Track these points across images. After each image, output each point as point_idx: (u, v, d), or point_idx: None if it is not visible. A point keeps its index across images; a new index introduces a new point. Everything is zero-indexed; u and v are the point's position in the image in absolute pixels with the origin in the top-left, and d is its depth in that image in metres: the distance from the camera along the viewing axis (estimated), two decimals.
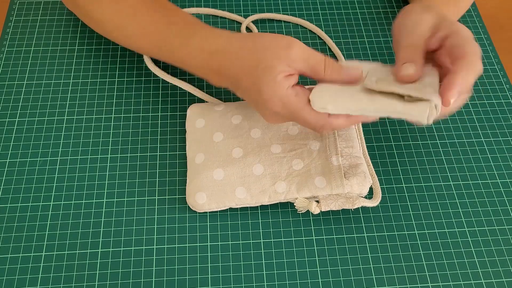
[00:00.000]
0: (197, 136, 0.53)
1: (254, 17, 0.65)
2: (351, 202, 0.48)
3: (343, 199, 0.48)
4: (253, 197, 0.49)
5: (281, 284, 0.47)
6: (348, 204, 0.48)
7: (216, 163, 0.50)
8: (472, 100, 0.60)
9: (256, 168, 0.50)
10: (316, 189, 0.49)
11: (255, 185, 0.49)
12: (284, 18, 0.66)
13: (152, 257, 0.48)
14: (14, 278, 0.46)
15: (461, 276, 0.48)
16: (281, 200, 0.49)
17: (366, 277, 0.47)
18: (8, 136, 0.55)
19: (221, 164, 0.50)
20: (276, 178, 0.49)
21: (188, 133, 0.54)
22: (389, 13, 0.68)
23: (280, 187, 0.49)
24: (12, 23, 0.64)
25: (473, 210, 0.52)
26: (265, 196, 0.49)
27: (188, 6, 0.67)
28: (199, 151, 0.51)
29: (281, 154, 0.51)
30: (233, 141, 0.51)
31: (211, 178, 0.49)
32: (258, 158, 0.50)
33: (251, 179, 0.49)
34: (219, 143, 0.51)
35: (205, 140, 0.52)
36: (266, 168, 0.50)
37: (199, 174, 0.50)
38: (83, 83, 0.59)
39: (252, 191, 0.49)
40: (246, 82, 0.46)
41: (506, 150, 0.56)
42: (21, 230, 0.49)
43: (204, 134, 0.53)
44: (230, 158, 0.50)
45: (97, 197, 0.51)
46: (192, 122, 0.54)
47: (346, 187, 0.49)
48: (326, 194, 0.49)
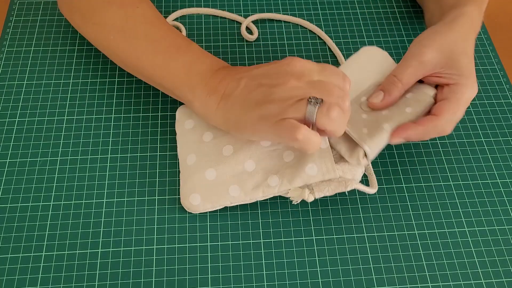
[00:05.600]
0: (187, 138, 0.53)
1: (254, 17, 0.65)
2: (343, 185, 0.47)
3: (336, 183, 0.48)
4: (247, 194, 0.49)
5: (281, 284, 0.47)
6: (341, 187, 0.47)
7: (208, 163, 0.50)
8: (472, 100, 0.60)
9: (247, 164, 0.49)
10: (308, 177, 0.48)
11: (248, 182, 0.49)
12: (284, 18, 0.66)
13: (152, 257, 0.48)
14: (14, 278, 0.46)
15: (461, 276, 0.48)
16: (275, 193, 0.49)
17: (366, 277, 0.48)
18: (8, 136, 0.55)
19: (213, 164, 0.50)
20: (268, 173, 0.49)
21: (178, 135, 0.53)
22: (389, 13, 0.68)
23: (273, 180, 0.49)
24: (12, 23, 0.64)
25: (473, 210, 0.52)
26: (259, 191, 0.49)
27: (188, 6, 0.67)
28: (190, 152, 0.51)
29: (271, 147, 0.50)
30: (222, 139, 0.51)
31: (204, 179, 0.49)
32: (249, 153, 0.50)
33: (244, 176, 0.49)
34: (209, 142, 0.51)
35: (195, 140, 0.52)
36: (257, 163, 0.49)
37: (192, 175, 0.50)
38: (83, 83, 0.59)
39: (245, 188, 0.49)
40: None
41: (506, 150, 0.56)
42: (21, 230, 0.49)
43: (194, 134, 0.52)
44: (221, 156, 0.50)
45: (97, 197, 0.51)
46: (181, 124, 0.54)
47: (337, 172, 0.48)
48: (318, 181, 0.48)
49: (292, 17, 0.66)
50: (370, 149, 0.47)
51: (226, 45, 0.63)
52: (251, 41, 0.64)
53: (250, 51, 0.63)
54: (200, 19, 0.66)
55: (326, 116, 0.43)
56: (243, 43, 0.63)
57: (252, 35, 0.64)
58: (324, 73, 0.45)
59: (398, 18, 0.67)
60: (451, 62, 0.49)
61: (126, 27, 0.51)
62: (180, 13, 0.65)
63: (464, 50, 0.50)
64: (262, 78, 0.46)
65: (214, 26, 0.65)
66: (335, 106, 0.43)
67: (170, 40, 0.51)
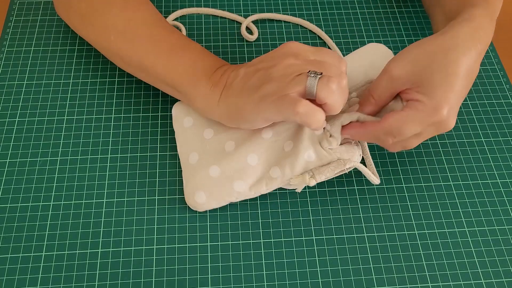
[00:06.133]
0: (187, 136, 0.52)
1: (254, 17, 0.65)
2: (342, 164, 0.47)
3: (335, 163, 0.47)
4: (251, 188, 0.49)
5: (281, 284, 0.47)
6: (340, 166, 0.47)
7: (211, 160, 0.50)
8: (472, 100, 0.60)
9: (250, 158, 0.49)
10: (307, 163, 0.48)
11: (252, 176, 0.49)
12: (284, 18, 0.66)
13: (152, 257, 0.48)
14: (14, 278, 0.46)
15: (461, 276, 0.48)
16: (278, 184, 0.49)
17: (366, 277, 0.48)
18: (8, 136, 0.55)
19: (216, 161, 0.50)
20: (270, 165, 0.49)
21: (178, 134, 0.53)
22: (389, 13, 0.68)
23: (275, 172, 0.48)
24: (12, 23, 0.64)
25: (473, 210, 0.52)
26: (262, 184, 0.49)
27: (188, 6, 0.67)
28: (192, 151, 0.51)
29: (272, 138, 0.50)
30: (224, 135, 0.51)
31: (208, 176, 0.49)
32: (251, 147, 0.49)
33: (247, 171, 0.49)
34: (210, 139, 0.51)
35: (196, 138, 0.52)
36: (260, 156, 0.49)
37: (195, 174, 0.50)
38: (83, 83, 0.59)
39: (249, 182, 0.49)
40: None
41: (506, 150, 0.56)
42: (21, 230, 0.49)
43: (194, 132, 0.52)
44: (224, 153, 0.50)
45: (97, 197, 0.51)
46: (179, 122, 0.53)
47: (334, 154, 0.48)
48: (317, 166, 0.48)
49: (292, 17, 0.66)
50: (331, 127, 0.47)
51: (226, 45, 0.63)
52: (251, 41, 0.64)
53: (250, 51, 0.63)
54: (200, 19, 0.66)
55: (327, 87, 0.42)
56: (243, 43, 0.63)
57: (252, 35, 0.64)
58: (319, 53, 0.46)
59: (398, 18, 0.67)
60: (420, 80, 0.44)
61: (127, 29, 0.51)
62: (180, 13, 0.66)
63: (443, 66, 0.43)
64: (259, 64, 0.47)
65: (214, 26, 0.65)
66: (335, 78, 0.43)
67: (173, 40, 0.51)
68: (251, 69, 0.47)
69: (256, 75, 0.46)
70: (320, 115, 0.42)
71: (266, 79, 0.45)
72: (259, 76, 0.46)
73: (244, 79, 0.47)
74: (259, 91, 0.45)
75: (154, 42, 0.51)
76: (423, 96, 0.44)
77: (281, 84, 0.44)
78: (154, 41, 0.51)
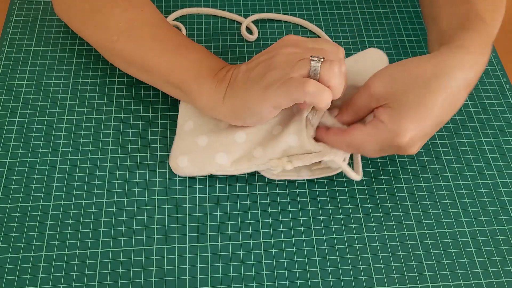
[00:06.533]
0: (188, 107, 0.54)
1: (254, 17, 0.65)
2: (321, 155, 0.48)
3: (315, 153, 0.49)
4: (233, 164, 0.50)
5: (281, 284, 0.47)
6: (318, 157, 0.48)
7: (202, 131, 0.52)
8: (472, 100, 0.60)
9: (238, 135, 0.50)
10: (289, 148, 0.49)
11: (236, 152, 0.50)
12: (284, 18, 0.66)
13: (152, 257, 0.48)
14: (14, 278, 0.46)
15: (461, 276, 0.48)
16: (259, 164, 0.50)
17: (366, 277, 0.48)
18: (8, 136, 0.55)
19: (206, 133, 0.51)
20: (255, 145, 0.50)
21: (181, 105, 0.54)
22: (389, 13, 0.68)
23: (257, 151, 0.50)
24: (12, 23, 0.64)
25: (473, 210, 0.52)
26: (244, 161, 0.50)
27: (188, 6, 0.67)
28: (189, 119, 0.53)
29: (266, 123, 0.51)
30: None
31: (195, 144, 0.51)
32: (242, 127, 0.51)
33: (233, 147, 0.50)
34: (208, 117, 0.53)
35: (196, 111, 0.53)
36: (248, 135, 0.50)
37: (185, 139, 0.51)
38: (83, 83, 0.59)
39: (231, 157, 0.50)
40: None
41: (506, 150, 0.56)
42: (21, 230, 0.49)
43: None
44: (216, 128, 0.52)
45: (97, 197, 0.51)
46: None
47: (316, 146, 0.48)
48: (298, 153, 0.49)
49: (292, 17, 0.66)
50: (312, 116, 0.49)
51: (226, 45, 0.63)
52: (251, 41, 0.64)
53: (250, 51, 0.63)
54: (200, 19, 0.66)
55: (330, 70, 0.43)
56: (243, 43, 0.63)
57: (252, 35, 0.64)
58: (318, 41, 0.47)
59: (398, 18, 0.67)
60: (394, 101, 0.44)
61: (131, 29, 0.51)
62: (180, 13, 0.66)
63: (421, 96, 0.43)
64: (260, 57, 0.48)
65: (214, 26, 0.65)
66: (336, 62, 0.43)
67: (177, 40, 0.52)
68: (253, 63, 0.48)
69: (258, 67, 0.47)
70: (328, 94, 0.43)
71: (269, 68, 0.46)
72: (261, 67, 0.47)
73: (247, 73, 0.48)
74: (264, 80, 0.45)
75: (158, 41, 0.51)
76: (388, 118, 0.44)
77: (285, 70, 0.44)
78: (158, 41, 0.51)
